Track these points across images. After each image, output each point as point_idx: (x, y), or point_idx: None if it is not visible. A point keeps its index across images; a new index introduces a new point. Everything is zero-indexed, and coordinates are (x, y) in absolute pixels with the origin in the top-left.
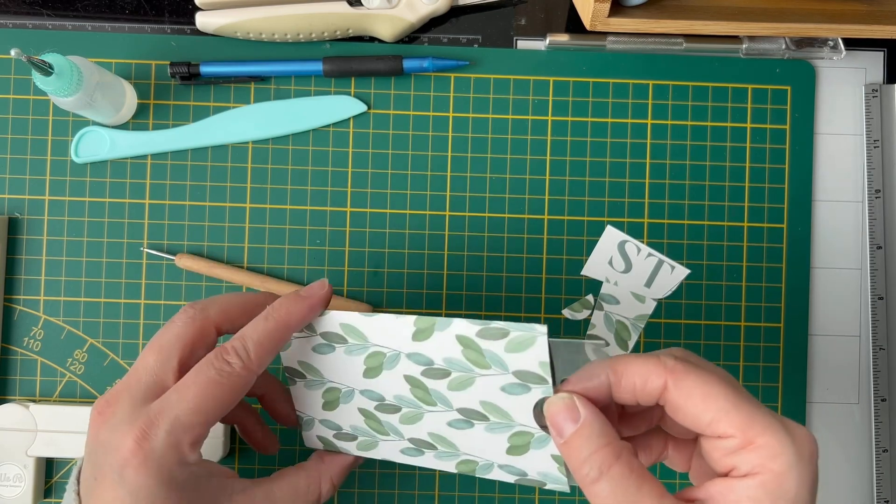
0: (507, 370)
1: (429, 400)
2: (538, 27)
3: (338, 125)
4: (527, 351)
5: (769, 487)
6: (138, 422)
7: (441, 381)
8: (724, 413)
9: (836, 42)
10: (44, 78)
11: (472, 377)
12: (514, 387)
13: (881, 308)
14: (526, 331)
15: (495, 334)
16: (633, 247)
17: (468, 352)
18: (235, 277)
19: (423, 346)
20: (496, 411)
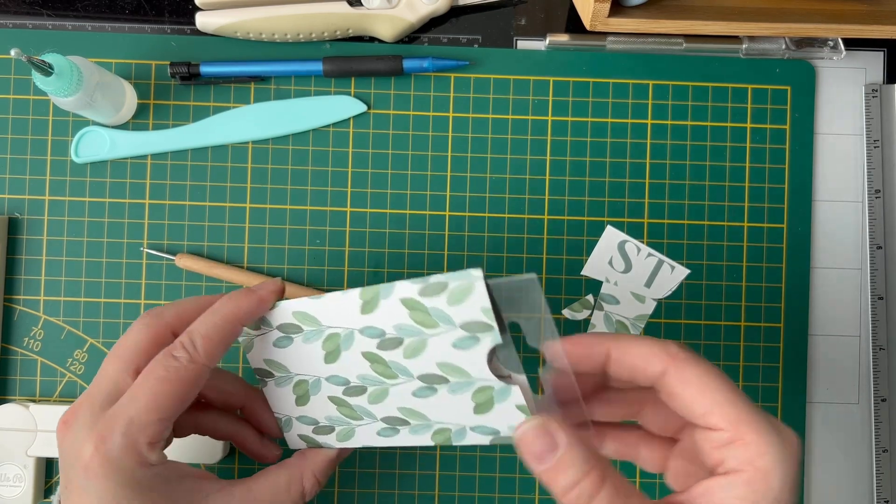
0: (454, 325)
1: (389, 373)
2: (538, 27)
3: (338, 125)
4: (468, 300)
5: (755, 485)
6: (96, 427)
7: (396, 350)
8: (719, 406)
9: (836, 42)
10: (44, 78)
11: (424, 340)
12: (464, 340)
13: (881, 308)
14: (463, 278)
15: (436, 289)
16: (633, 247)
17: (415, 314)
18: (235, 277)
19: (373, 318)
20: (454, 370)
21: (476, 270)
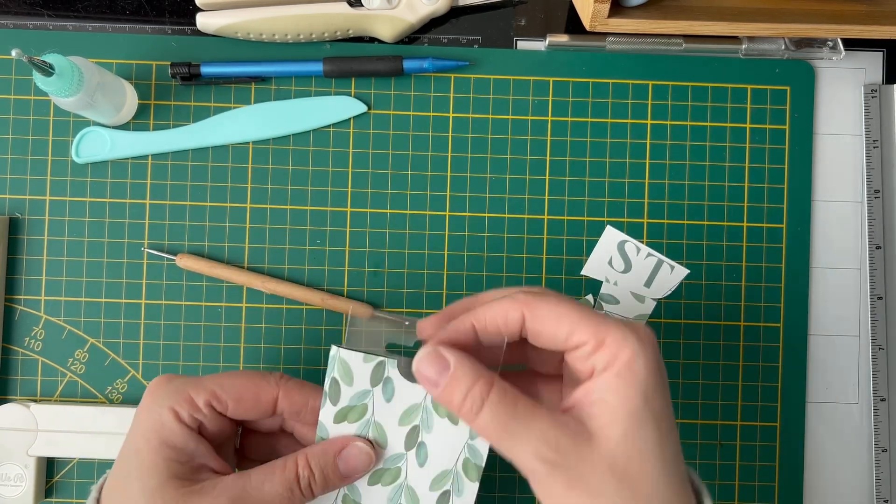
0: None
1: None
2: (538, 27)
3: (338, 125)
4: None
5: (623, 376)
6: (168, 378)
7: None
8: (576, 325)
9: (836, 42)
10: (45, 78)
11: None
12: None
13: (880, 308)
14: (331, 368)
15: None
16: (632, 247)
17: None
18: (236, 277)
19: None
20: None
21: (332, 349)
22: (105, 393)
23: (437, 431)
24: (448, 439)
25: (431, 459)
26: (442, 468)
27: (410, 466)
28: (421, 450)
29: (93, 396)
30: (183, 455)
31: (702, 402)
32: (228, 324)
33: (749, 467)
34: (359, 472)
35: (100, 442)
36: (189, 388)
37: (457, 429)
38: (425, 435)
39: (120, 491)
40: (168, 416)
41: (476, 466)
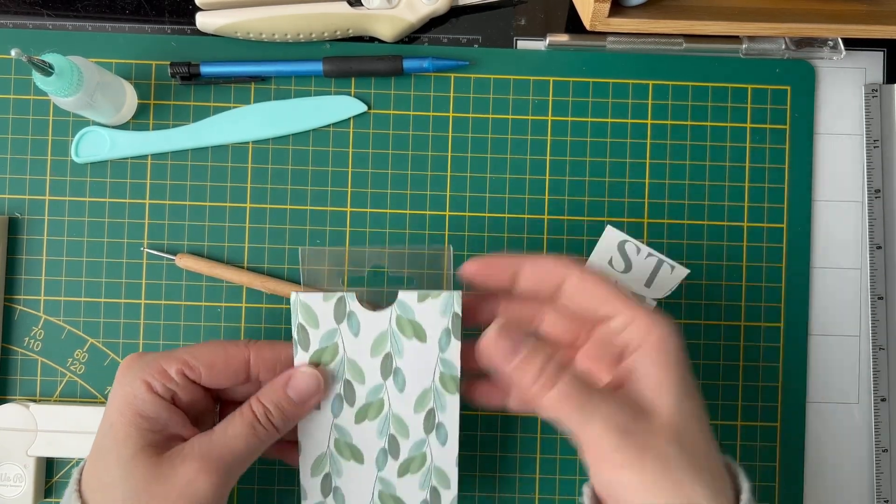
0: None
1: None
2: (538, 27)
3: (338, 125)
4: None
5: (659, 350)
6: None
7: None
8: (612, 297)
9: (836, 42)
10: (44, 78)
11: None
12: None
13: (881, 308)
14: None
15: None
16: (632, 247)
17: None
18: (236, 277)
19: None
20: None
21: (291, 296)
22: (105, 393)
23: (408, 354)
24: (420, 358)
25: (409, 382)
26: (421, 388)
27: (392, 395)
28: (398, 376)
29: (92, 396)
30: (157, 424)
31: None
32: (228, 324)
33: (749, 467)
34: (312, 395)
35: None
36: (161, 359)
37: (426, 346)
38: (398, 360)
39: (97, 466)
40: (141, 388)
41: (452, 378)
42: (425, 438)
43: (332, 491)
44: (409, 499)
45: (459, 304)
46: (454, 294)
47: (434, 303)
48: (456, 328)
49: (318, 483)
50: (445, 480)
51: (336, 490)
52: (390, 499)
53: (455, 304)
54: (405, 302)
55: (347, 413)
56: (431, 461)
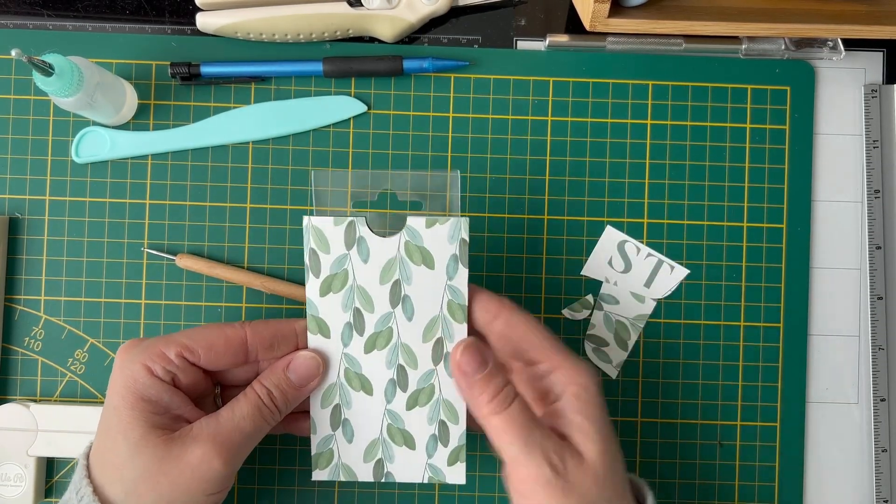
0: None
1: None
2: (538, 27)
3: (338, 125)
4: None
5: (582, 396)
6: (139, 339)
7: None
8: (537, 344)
9: (836, 42)
10: (44, 78)
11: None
12: None
13: (880, 308)
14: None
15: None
16: (632, 247)
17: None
18: (236, 277)
19: None
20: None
21: (304, 220)
22: (105, 393)
23: (416, 281)
24: (429, 285)
25: (418, 310)
26: (430, 316)
27: (400, 323)
28: (406, 303)
29: (92, 396)
30: (159, 407)
31: (702, 403)
32: None
33: (749, 467)
34: (311, 378)
35: None
36: (159, 343)
37: (434, 273)
38: (407, 288)
39: (105, 449)
40: (141, 372)
41: (460, 307)
42: (434, 369)
43: (342, 423)
44: (418, 433)
45: (467, 231)
46: (461, 220)
47: (441, 229)
48: (463, 255)
49: (328, 414)
50: (454, 414)
51: (345, 423)
52: (399, 433)
53: (462, 230)
54: (413, 227)
55: (357, 342)
56: (440, 393)
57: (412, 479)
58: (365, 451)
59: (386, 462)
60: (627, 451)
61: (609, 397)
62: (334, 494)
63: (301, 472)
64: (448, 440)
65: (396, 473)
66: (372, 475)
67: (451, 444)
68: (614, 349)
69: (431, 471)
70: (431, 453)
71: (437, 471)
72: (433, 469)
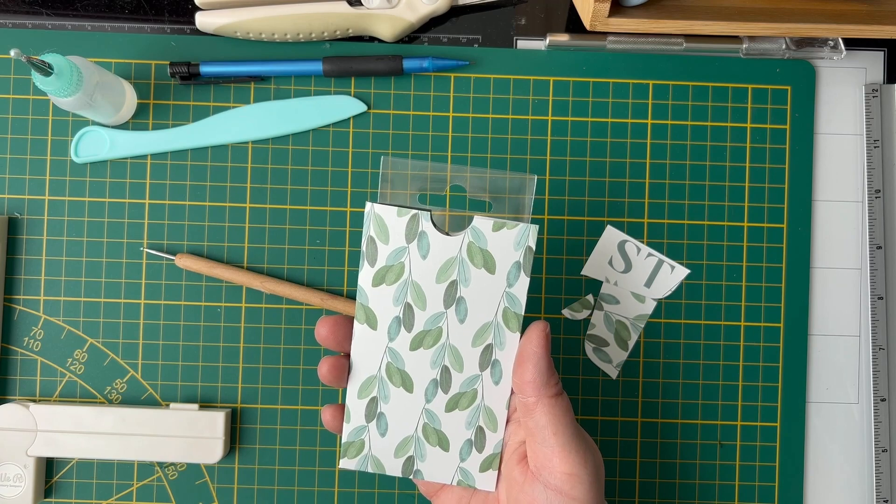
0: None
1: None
2: (538, 27)
3: (338, 125)
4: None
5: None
6: None
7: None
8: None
9: (837, 42)
10: (43, 78)
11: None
12: None
13: (881, 308)
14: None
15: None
16: (632, 247)
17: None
18: (235, 277)
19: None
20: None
21: (367, 206)
22: (104, 393)
23: (474, 284)
24: (486, 289)
25: (471, 314)
26: (483, 321)
27: (451, 324)
28: (461, 305)
29: (92, 396)
30: None
31: (702, 403)
32: (228, 324)
33: (749, 467)
34: None
35: (99, 442)
36: None
37: (494, 278)
38: (463, 289)
39: None
40: None
41: (516, 315)
42: (479, 375)
43: (377, 417)
44: (454, 436)
45: (535, 239)
46: (530, 227)
47: (508, 234)
48: (527, 263)
49: (364, 406)
50: (493, 422)
51: (380, 416)
52: (434, 433)
53: (530, 237)
54: (479, 229)
55: (403, 338)
56: (482, 400)
57: (441, 480)
58: (397, 447)
59: (417, 460)
60: (628, 452)
61: (609, 397)
62: (334, 495)
63: (301, 472)
64: (483, 447)
65: (426, 472)
66: (401, 471)
67: (485, 451)
68: (614, 349)
69: (462, 474)
70: (465, 457)
71: (468, 475)
72: (464, 473)
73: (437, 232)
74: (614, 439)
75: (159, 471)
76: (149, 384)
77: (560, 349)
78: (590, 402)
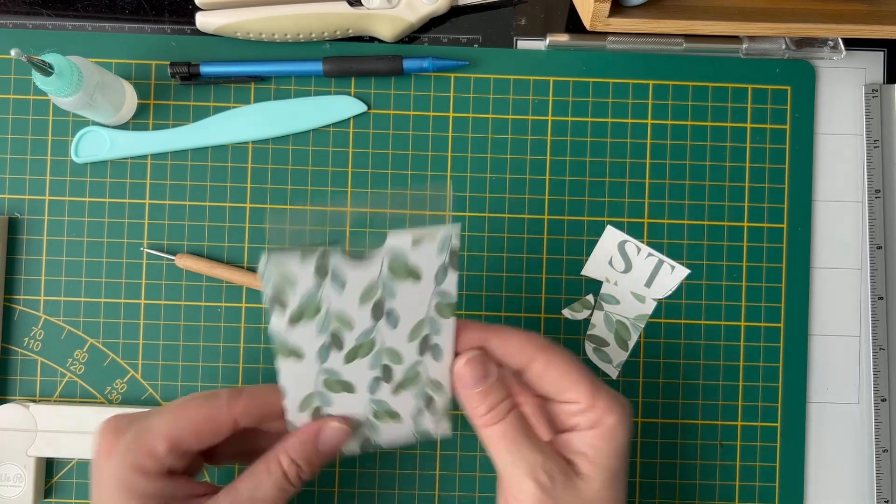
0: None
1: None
2: (538, 27)
3: (338, 125)
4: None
5: (606, 437)
6: (117, 431)
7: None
8: (576, 384)
9: (837, 42)
10: (44, 78)
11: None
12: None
13: (881, 308)
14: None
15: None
16: (632, 247)
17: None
18: (235, 277)
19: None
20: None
21: (262, 257)
22: (104, 393)
23: (401, 294)
24: (415, 294)
25: (403, 318)
26: (416, 320)
27: (384, 332)
28: (391, 316)
29: (92, 396)
30: (162, 499)
31: (702, 403)
32: (228, 324)
33: (750, 468)
34: (340, 445)
35: None
36: (145, 439)
37: (421, 283)
38: (390, 302)
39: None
40: (133, 475)
41: (448, 305)
42: (420, 359)
43: (322, 418)
44: (404, 409)
45: (458, 237)
46: (453, 228)
47: (430, 244)
48: (454, 262)
49: (308, 415)
50: (439, 387)
51: (327, 417)
52: (385, 413)
53: (454, 238)
54: (397, 247)
55: (335, 357)
56: (426, 374)
57: (400, 443)
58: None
59: (372, 436)
60: None
61: None
62: (334, 495)
63: None
64: (434, 408)
65: (384, 442)
66: (359, 449)
67: (437, 410)
68: (614, 349)
69: (419, 434)
70: (418, 420)
71: (424, 431)
72: (420, 432)
73: (351, 259)
74: None
75: None
76: (149, 384)
77: None
78: None
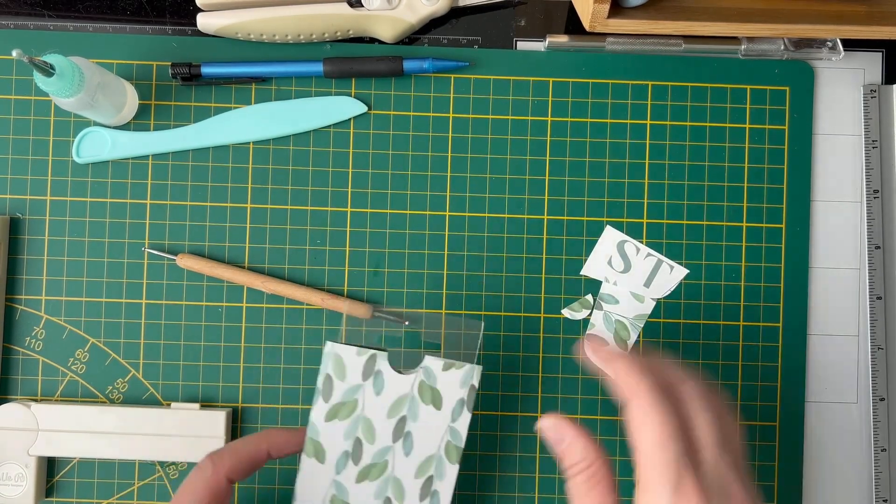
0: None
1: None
2: (538, 28)
3: (338, 126)
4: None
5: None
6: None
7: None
8: (640, 448)
9: (835, 43)
10: (45, 79)
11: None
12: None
13: (879, 308)
14: None
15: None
16: (632, 247)
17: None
18: (236, 277)
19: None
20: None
21: (326, 345)
22: (106, 393)
23: (422, 419)
24: (432, 424)
25: (417, 447)
26: (427, 454)
27: (397, 458)
28: (408, 440)
29: (93, 396)
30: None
31: None
32: (229, 323)
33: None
34: None
35: (100, 442)
36: (239, 454)
37: (440, 413)
38: (411, 424)
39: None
40: (223, 482)
41: (456, 448)
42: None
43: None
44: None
45: (479, 378)
46: (475, 368)
47: (456, 373)
48: (471, 400)
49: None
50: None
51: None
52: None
53: (475, 377)
54: (430, 368)
55: (350, 471)
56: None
57: None
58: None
59: None
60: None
61: (609, 397)
62: None
63: None
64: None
65: None
66: None
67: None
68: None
69: None
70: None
71: None
72: None
73: (392, 370)
74: (614, 439)
75: (160, 470)
76: (150, 384)
77: (560, 349)
78: (590, 401)
